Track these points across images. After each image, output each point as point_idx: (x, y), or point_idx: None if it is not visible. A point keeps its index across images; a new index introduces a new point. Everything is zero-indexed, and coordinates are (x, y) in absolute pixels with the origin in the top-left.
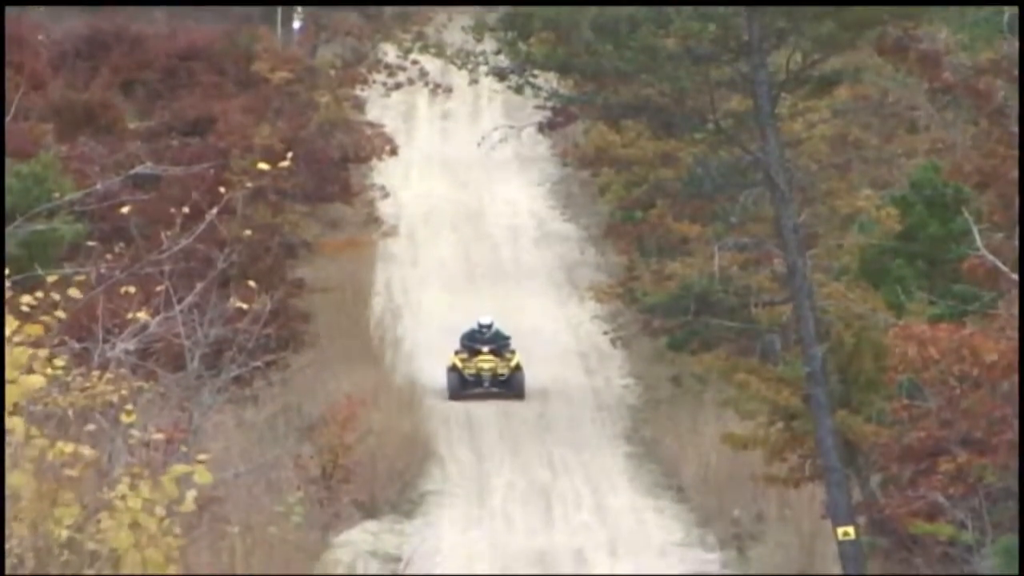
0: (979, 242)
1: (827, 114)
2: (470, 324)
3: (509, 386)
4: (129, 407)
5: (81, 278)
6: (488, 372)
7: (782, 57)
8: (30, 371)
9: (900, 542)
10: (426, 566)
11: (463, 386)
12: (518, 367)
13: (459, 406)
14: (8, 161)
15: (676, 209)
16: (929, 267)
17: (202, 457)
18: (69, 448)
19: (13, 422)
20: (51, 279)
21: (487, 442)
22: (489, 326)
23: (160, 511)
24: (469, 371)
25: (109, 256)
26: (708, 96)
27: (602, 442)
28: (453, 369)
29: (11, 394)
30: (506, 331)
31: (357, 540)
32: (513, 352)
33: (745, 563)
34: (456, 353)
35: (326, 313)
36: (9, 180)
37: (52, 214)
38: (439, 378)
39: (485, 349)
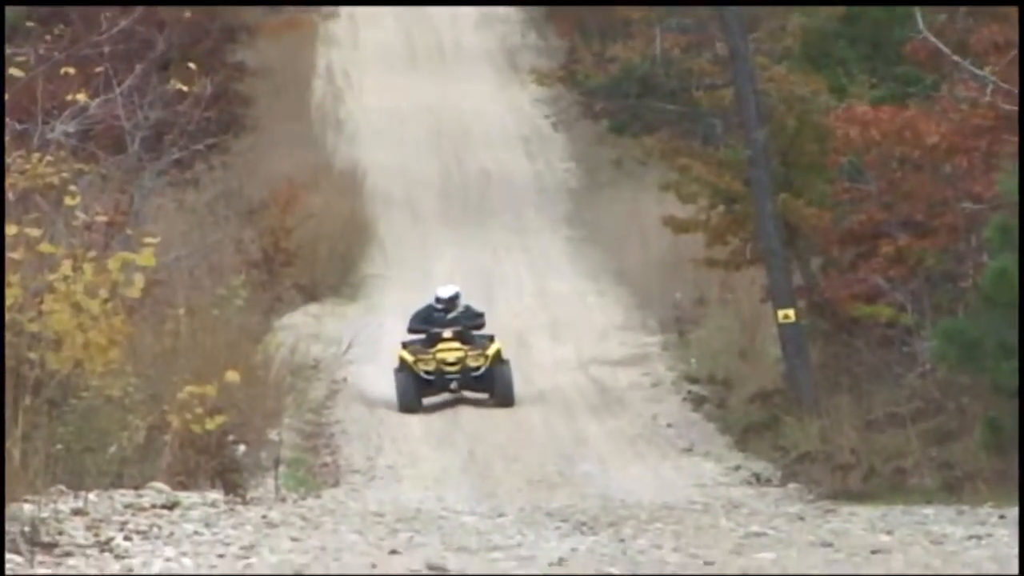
0: (921, 24)
1: None
2: (423, 294)
3: (488, 385)
4: (73, 188)
5: (21, 59)
6: (454, 367)
7: None
8: None
9: (840, 324)
10: (371, 352)
11: (419, 390)
12: (499, 357)
13: (399, 185)
14: None
15: None
16: (872, 49)
17: (149, 241)
18: (12, 230)
19: None
20: None
21: (428, 225)
22: (453, 299)
23: (103, 294)
24: (426, 367)
25: (48, 37)
26: None
27: (543, 226)
28: (402, 368)
29: None
30: (478, 303)
31: (299, 323)
32: (491, 338)
33: (685, 346)
34: (405, 345)
35: (267, 96)
36: None
37: None
38: (382, 166)
39: (447, 333)
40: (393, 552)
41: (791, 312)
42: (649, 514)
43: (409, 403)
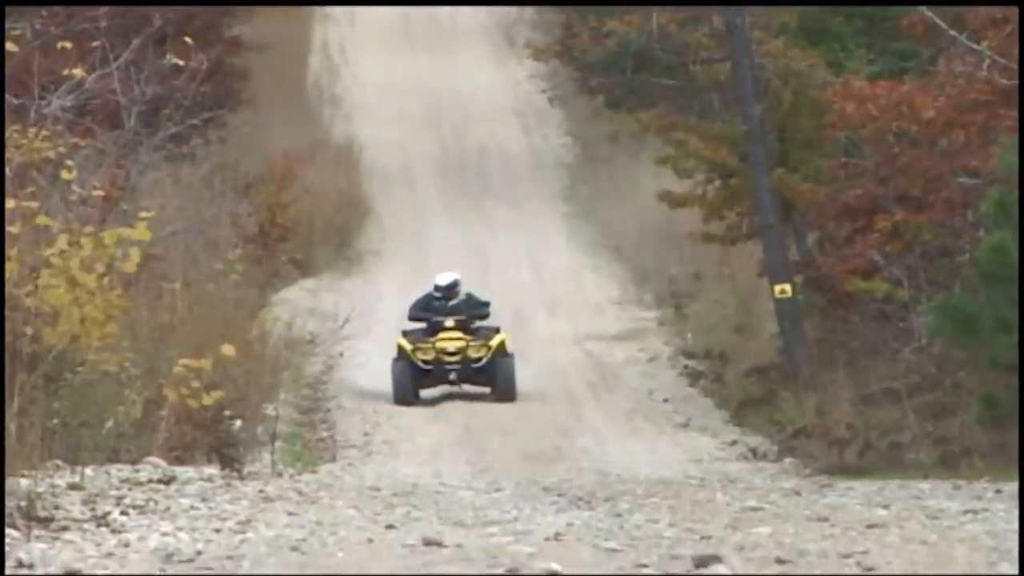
0: None
1: None
2: (422, 282)
3: (489, 378)
4: (69, 163)
5: (17, 33)
6: (454, 357)
7: None
8: None
9: (836, 299)
10: (367, 324)
11: (416, 381)
12: (503, 349)
13: (396, 160)
14: None
15: None
16: (868, 24)
17: (145, 215)
18: (10, 204)
19: None
20: None
21: (425, 200)
22: (452, 287)
23: (100, 268)
24: (424, 357)
25: (44, 12)
26: None
27: (540, 201)
28: (400, 357)
29: None
30: (484, 284)
31: (295, 298)
32: (496, 329)
33: (682, 321)
34: (405, 334)
35: (263, 72)
36: None
37: None
38: (376, 143)
39: (449, 322)
40: (390, 527)
41: (787, 287)
42: (645, 489)
43: (404, 395)
